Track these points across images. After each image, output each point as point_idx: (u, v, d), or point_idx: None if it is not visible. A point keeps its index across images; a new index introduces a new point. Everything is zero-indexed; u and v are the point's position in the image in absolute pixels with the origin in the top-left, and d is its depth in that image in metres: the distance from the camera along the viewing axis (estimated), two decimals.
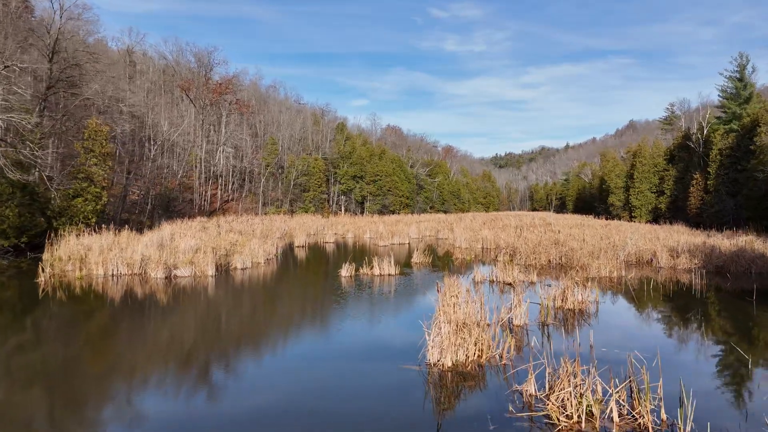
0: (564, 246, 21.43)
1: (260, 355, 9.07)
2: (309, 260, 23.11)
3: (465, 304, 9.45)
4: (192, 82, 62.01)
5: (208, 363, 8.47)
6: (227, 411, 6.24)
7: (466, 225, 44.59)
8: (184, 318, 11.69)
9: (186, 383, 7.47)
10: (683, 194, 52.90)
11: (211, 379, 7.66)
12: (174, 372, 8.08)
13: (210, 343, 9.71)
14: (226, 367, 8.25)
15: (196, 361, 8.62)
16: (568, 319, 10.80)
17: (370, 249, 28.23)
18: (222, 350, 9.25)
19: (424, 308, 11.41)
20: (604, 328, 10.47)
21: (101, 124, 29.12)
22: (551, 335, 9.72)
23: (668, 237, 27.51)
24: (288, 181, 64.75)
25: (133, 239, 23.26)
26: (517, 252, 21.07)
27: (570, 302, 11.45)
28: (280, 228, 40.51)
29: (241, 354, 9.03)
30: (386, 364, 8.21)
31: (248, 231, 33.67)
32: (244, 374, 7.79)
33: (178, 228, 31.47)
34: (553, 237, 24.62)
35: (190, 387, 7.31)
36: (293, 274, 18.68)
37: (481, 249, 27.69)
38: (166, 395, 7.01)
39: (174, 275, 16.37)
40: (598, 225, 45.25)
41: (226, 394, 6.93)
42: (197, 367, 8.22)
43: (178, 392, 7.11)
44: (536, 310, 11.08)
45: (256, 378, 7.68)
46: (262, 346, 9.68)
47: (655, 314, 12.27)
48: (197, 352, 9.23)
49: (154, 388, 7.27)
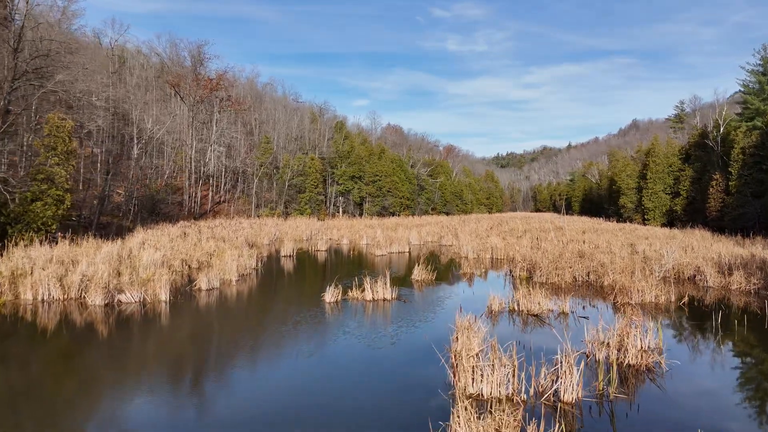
0: (591, 259, 18.29)
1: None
2: (292, 276, 19.95)
3: (489, 368, 6.34)
4: (182, 78, 58.89)
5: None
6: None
7: (471, 230, 41.44)
8: (81, 375, 8.56)
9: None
10: (701, 196, 49.69)
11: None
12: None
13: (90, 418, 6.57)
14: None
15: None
16: (630, 385, 7.64)
17: (365, 259, 25.12)
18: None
19: (431, 372, 8.27)
20: (690, 402, 7.34)
21: (64, 118, 26.02)
22: (616, 416, 6.58)
23: (701, 246, 24.35)
24: (283, 182, 61.61)
25: (93, 250, 20.18)
26: (535, 266, 17.94)
27: (631, 354, 8.30)
28: (270, 233, 37.41)
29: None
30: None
31: (233, 238, 30.55)
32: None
33: (152, 235, 28.39)
34: (576, 247, 21.46)
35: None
36: (266, 298, 15.31)
37: (491, 260, 24.56)
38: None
39: (118, 301, 13.25)
40: (611, 229, 42.08)
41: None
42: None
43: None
44: (585, 368, 7.93)
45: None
46: None
47: (753, 372, 9.10)
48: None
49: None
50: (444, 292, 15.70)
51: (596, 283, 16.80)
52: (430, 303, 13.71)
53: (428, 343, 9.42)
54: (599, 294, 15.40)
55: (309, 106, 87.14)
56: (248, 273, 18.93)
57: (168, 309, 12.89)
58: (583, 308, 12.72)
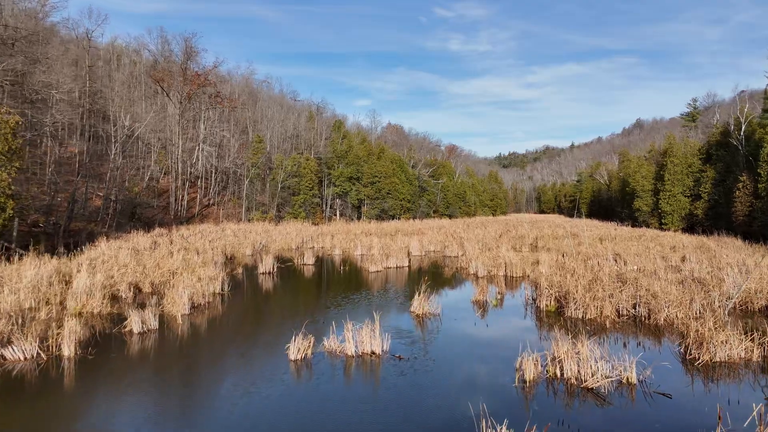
0: (635, 285, 14.55)
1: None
2: (260, 308, 16.16)
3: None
4: (167, 72, 55.23)
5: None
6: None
7: (477, 237, 37.72)
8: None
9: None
10: (726, 199, 45.90)
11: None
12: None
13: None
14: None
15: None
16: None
17: (357, 277, 21.43)
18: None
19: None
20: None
21: (10, 112, 22.40)
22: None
23: (751, 260, 20.59)
24: (275, 184, 57.90)
25: (27, 270, 16.53)
26: (566, 295, 14.23)
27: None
28: (255, 241, 33.74)
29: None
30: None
31: (209, 249, 26.86)
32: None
33: (115, 246, 24.73)
34: (612, 267, 17.66)
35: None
36: (211, 351, 11.00)
37: (505, 278, 20.86)
38: None
39: (1, 357, 9.58)
40: (630, 236, 38.32)
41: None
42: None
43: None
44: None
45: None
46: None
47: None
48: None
49: None
50: (453, 337, 11.99)
51: (648, 321, 13.08)
52: (436, 361, 9.98)
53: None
54: (655, 335, 11.71)
55: (306, 103, 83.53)
56: (207, 303, 15.23)
57: (70, 370, 9.21)
58: (648, 370, 8.95)
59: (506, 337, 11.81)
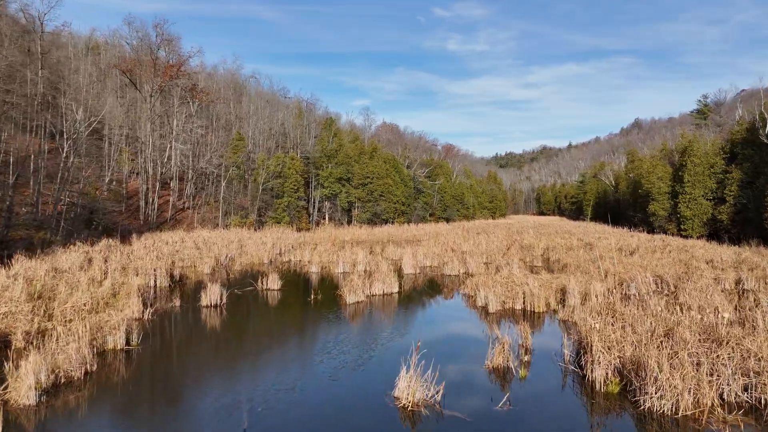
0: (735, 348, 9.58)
1: None
2: (169, 382, 11.10)
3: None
4: (135, 63, 50.02)
5: None
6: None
7: (480, 248, 32.74)
8: None
9: None
10: (755, 203, 41.12)
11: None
12: None
13: None
14: None
15: None
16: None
17: (328, 315, 16.37)
18: None
19: None
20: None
21: None
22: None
23: None
24: (256, 185, 52.76)
25: None
26: (636, 363, 9.27)
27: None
28: (221, 254, 28.63)
29: None
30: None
31: (152, 267, 21.70)
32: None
33: (31, 266, 19.55)
34: (695, 317, 12.52)
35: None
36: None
37: (523, 313, 15.90)
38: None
39: None
40: (651, 245, 33.34)
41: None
42: None
43: None
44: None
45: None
46: None
47: None
48: None
49: None
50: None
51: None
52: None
53: None
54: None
55: (296, 100, 78.38)
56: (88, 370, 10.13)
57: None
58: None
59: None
